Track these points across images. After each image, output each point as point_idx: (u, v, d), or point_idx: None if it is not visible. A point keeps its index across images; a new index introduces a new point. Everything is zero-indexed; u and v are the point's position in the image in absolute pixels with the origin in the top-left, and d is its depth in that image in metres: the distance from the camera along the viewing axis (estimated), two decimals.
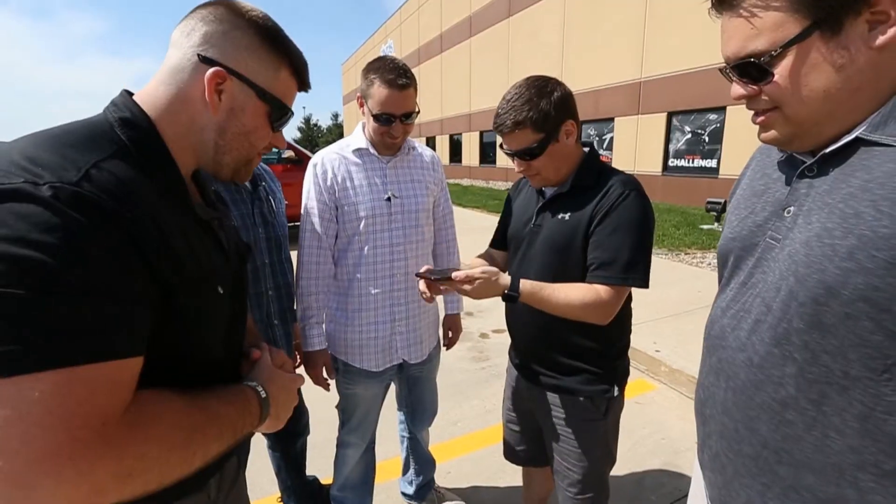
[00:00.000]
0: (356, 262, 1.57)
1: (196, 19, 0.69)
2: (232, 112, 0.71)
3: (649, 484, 2.23)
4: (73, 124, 0.62)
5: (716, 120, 10.57)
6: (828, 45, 0.61)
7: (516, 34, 17.28)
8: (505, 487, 2.19)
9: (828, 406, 0.64)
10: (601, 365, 1.34)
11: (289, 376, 0.84)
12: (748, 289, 0.76)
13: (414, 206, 1.61)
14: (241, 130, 0.73)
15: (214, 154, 0.73)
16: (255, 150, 0.78)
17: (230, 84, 0.69)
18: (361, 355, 1.62)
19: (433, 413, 1.95)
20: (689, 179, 11.33)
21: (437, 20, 23.61)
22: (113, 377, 0.52)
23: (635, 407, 2.85)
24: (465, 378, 3.32)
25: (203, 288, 0.67)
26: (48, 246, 0.47)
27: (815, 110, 0.65)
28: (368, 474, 1.85)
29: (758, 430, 0.72)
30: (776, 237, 0.72)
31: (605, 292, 1.20)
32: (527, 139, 1.24)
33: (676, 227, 8.15)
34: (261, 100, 0.72)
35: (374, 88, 1.45)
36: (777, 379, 0.69)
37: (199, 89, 0.68)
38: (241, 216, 1.47)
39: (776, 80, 0.66)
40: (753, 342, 0.72)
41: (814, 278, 0.63)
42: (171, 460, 0.56)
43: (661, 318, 4.01)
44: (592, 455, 1.38)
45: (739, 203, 0.86)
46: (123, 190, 0.56)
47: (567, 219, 1.28)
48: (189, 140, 0.71)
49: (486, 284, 1.20)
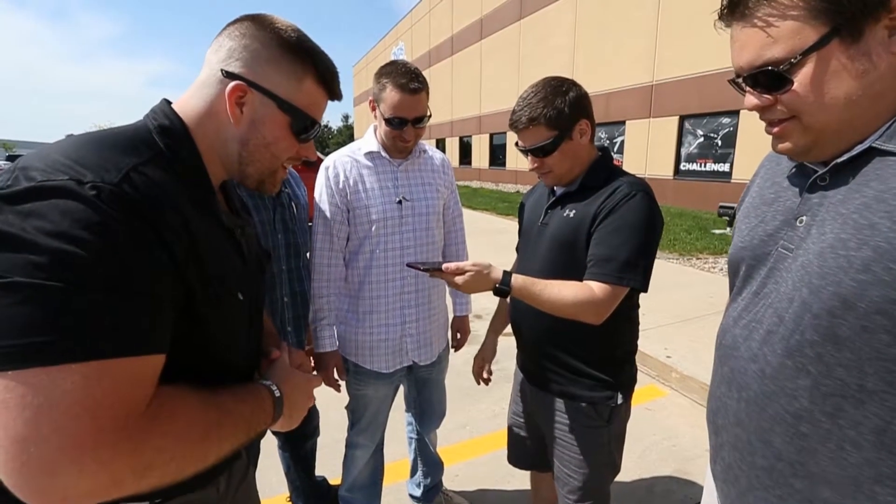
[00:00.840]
0: (367, 264, 1.58)
1: (224, 36, 0.72)
2: (253, 124, 0.72)
3: (659, 491, 2.21)
4: (114, 129, 0.65)
5: (729, 124, 10.46)
6: (848, 52, 0.60)
7: (527, 37, 17.27)
8: (513, 491, 2.18)
9: (843, 419, 0.63)
10: (606, 371, 1.33)
11: (305, 376, 0.85)
12: (760, 299, 0.75)
13: (425, 209, 1.61)
14: (262, 142, 0.74)
15: (239, 165, 0.75)
16: (279, 162, 0.78)
17: (251, 97, 0.70)
18: (372, 357, 1.63)
19: (441, 415, 1.95)
20: (701, 183, 11.22)
21: (448, 22, 23.67)
22: (138, 372, 0.53)
23: (646, 413, 2.83)
24: (473, 381, 3.31)
25: (224, 293, 0.68)
26: (87, 242, 0.49)
27: (836, 118, 0.64)
28: (377, 475, 1.85)
29: (771, 441, 0.71)
30: (789, 247, 0.71)
31: (599, 290, 1.18)
32: (541, 135, 1.25)
33: (688, 231, 8.07)
34: (282, 111, 0.72)
35: (386, 92, 1.46)
36: (790, 391, 0.68)
37: (223, 103, 0.70)
38: (262, 223, 1.48)
39: (795, 88, 0.64)
40: (765, 353, 0.71)
41: (828, 290, 0.62)
42: (187, 455, 0.57)
43: (673, 323, 3.97)
44: (593, 463, 1.36)
45: (749, 212, 0.85)
46: (159, 194, 0.58)
47: (572, 216, 1.29)
48: (217, 151, 0.73)
49: (478, 277, 1.19)
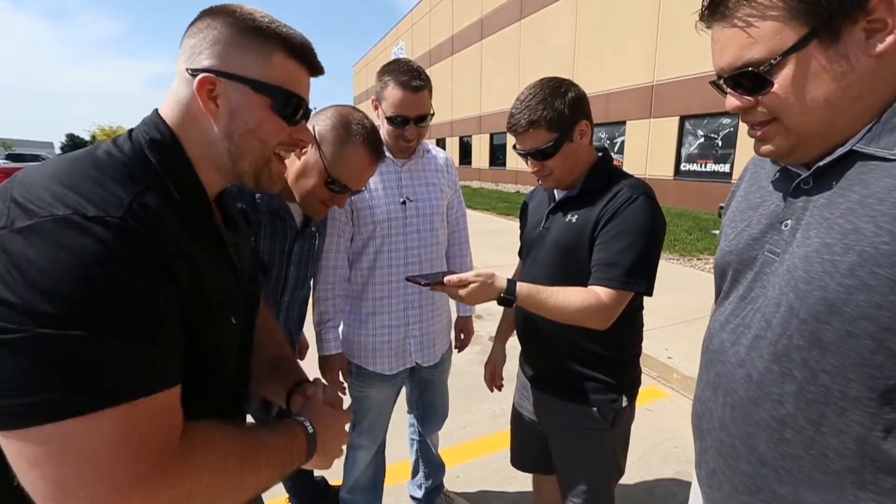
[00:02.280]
0: (371, 265, 1.57)
1: (185, 37, 0.69)
2: (232, 115, 0.68)
3: (661, 492, 2.20)
4: (102, 150, 0.61)
5: (729, 124, 10.46)
6: (826, 54, 0.60)
7: (528, 37, 17.26)
8: (514, 493, 2.18)
9: (826, 427, 0.63)
10: (611, 374, 1.32)
11: (337, 413, 0.84)
12: (747, 303, 0.75)
13: (429, 210, 1.61)
14: (245, 129, 0.69)
15: (231, 163, 0.71)
16: (269, 147, 0.74)
17: (222, 87, 0.66)
18: (375, 359, 1.62)
19: (444, 416, 1.94)
20: (702, 184, 11.22)
21: (449, 22, 23.65)
22: (166, 406, 0.54)
23: (647, 414, 2.82)
24: (474, 382, 3.30)
25: (220, 322, 0.67)
26: (98, 281, 0.48)
27: (817, 120, 0.64)
28: (378, 477, 1.85)
29: (756, 447, 0.71)
30: (775, 251, 0.71)
31: (605, 295, 1.17)
32: (541, 138, 1.23)
33: (688, 232, 8.07)
34: (257, 92, 0.68)
35: (388, 90, 1.45)
36: (776, 396, 0.68)
37: (197, 103, 0.67)
38: (272, 252, 1.32)
39: (776, 90, 0.64)
40: (753, 358, 0.71)
41: (815, 295, 0.62)
42: (224, 485, 0.58)
43: (674, 324, 3.97)
44: (598, 466, 1.36)
45: (735, 216, 0.84)
46: (161, 226, 0.56)
47: (574, 221, 1.27)
48: (208, 157, 0.70)
49: (482, 288, 1.16)
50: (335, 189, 1.24)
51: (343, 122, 1.24)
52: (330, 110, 1.27)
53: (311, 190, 1.25)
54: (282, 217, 1.30)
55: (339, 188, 1.24)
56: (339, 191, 1.25)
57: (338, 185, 1.24)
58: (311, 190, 1.25)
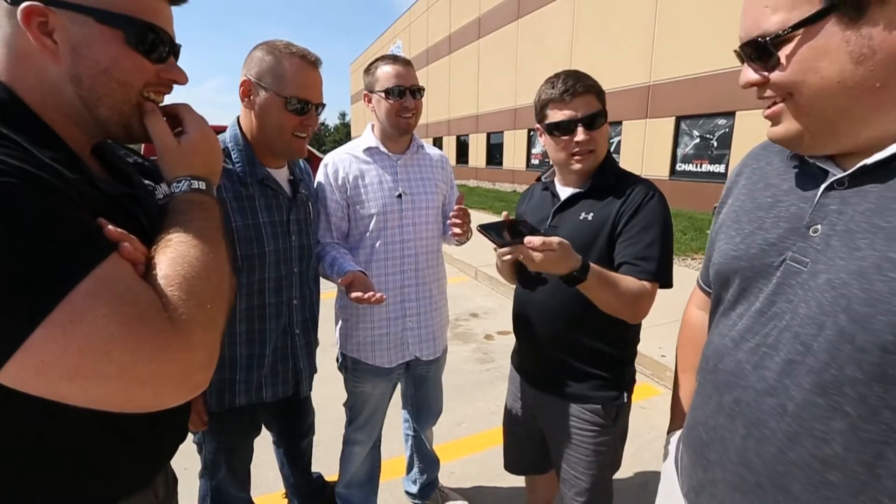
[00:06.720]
0: (367, 258, 1.57)
1: None
2: (76, 52, 0.57)
3: (653, 488, 2.20)
4: None
5: (725, 125, 10.51)
6: (845, 31, 0.55)
7: (525, 36, 17.26)
8: (508, 489, 2.19)
9: (883, 468, 0.55)
10: (612, 371, 1.33)
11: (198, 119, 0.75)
12: (769, 319, 0.66)
13: (424, 204, 1.62)
14: (97, 69, 0.59)
15: (86, 111, 0.61)
16: (133, 91, 0.63)
17: (56, 18, 0.56)
18: (374, 352, 1.62)
19: (438, 412, 1.95)
20: (697, 184, 11.26)
21: (446, 21, 23.63)
22: (123, 264, 0.54)
23: (640, 412, 2.84)
24: (469, 379, 3.32)
25: None
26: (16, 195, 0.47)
27: (831, 104, 0.58)
28: (374, 472, 1.85)
29: (789, 488, 0.62)
30: (801, 260, 0.63)
31: (650, 288, 1.20)
32: (593, 105, 1.25)
33: (683, 232, 8.11)
34: (104, 24, 0.58)
35: (378, 71, 1.53)
36: (820, 434, 0.59)
37: (26, 39, 0.55)
38: (273, 223, 1.34)
39: (783, 63, 0.59)
40: (787, 386, 0.62)
41: (881, 320, 0.52)
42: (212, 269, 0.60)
43: (667, 322, 3.99)
44: (601, 462, 1.36)
45: (740, 216, 0.76)
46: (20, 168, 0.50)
47: (590, 219, 1.27)
48: (52, 105, 0.59)
49: (561, 256, 1.04)
50: (298, 109, 1.25)
51: (268, 49, 1.25)
52: (251, 53, 1.28)
53: (278, 126, 1.26)
54: (272, 188, 1.33)
55: (301, 105, 1.25)
56: (303, 109, 1.26)
57: (297, 103, 1.25)
58: (278, 126, 1.26)
